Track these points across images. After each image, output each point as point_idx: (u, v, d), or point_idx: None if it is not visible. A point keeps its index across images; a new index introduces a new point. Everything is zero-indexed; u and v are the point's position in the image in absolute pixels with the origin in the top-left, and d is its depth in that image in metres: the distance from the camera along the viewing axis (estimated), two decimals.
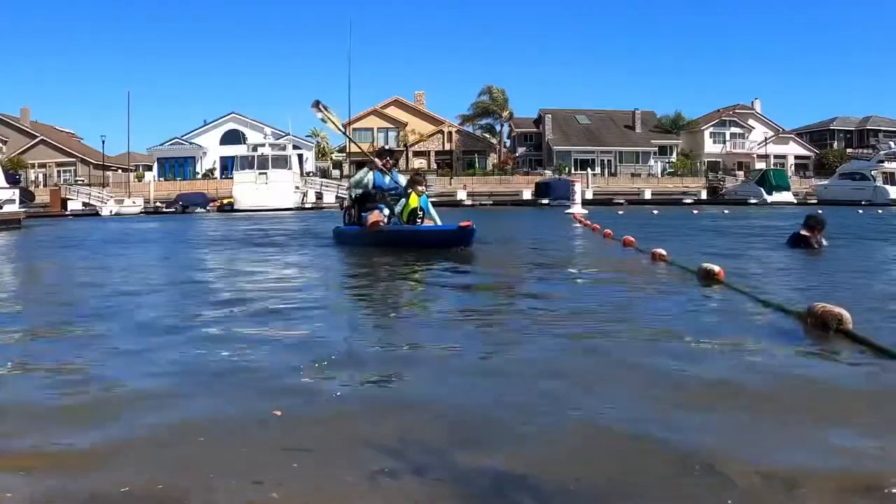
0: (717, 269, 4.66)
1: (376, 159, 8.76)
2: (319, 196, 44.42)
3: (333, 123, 10.08)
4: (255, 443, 1.77)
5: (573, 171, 51.04)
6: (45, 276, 6.84)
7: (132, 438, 1.82)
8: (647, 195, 45.66)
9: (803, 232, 7.53)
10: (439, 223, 8.07)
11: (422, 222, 8.01)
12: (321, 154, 59.62)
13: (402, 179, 8.84)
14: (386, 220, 8.15)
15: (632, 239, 8.12)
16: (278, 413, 1.95)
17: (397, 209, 8.14)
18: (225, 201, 40.38)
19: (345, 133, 11.35)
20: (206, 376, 2.46)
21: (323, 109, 9.54)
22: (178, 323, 3.58)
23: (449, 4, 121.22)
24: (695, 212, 26.92)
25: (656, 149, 58.73)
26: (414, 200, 8.04)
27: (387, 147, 10.92)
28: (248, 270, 6.66)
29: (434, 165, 52.45)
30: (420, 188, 8.20)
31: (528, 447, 1.74)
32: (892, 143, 44.55)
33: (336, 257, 7.86)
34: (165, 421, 1.95)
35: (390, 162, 8.93)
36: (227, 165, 50.33)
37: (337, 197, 43.77)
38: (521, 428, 1.88)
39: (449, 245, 7.33)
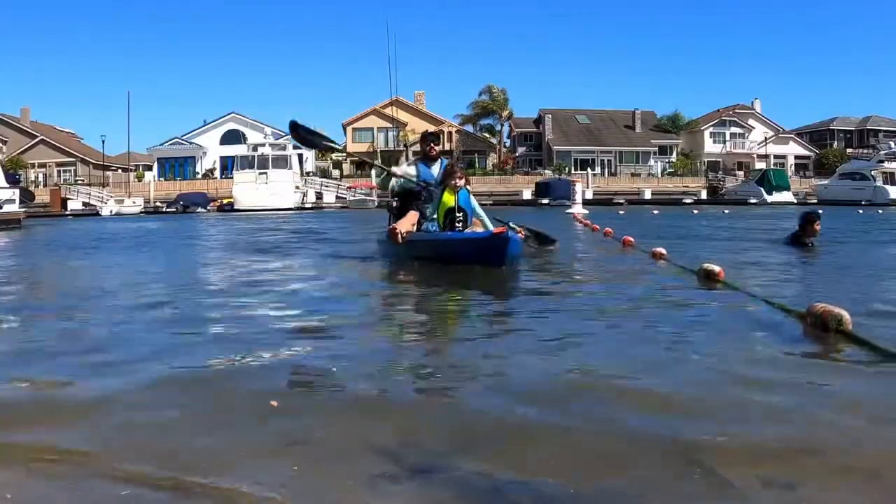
0: (717, 268, 4.66)
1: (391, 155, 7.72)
2: (319, 196, 44.46)
3: (324, 143, 8.50)
4: (256, 443, 1.77)
5: (573, 171, 51.09)
6: (42, 278, 6.83)
7: (131, 437, 1.82)
8: (647, 195, 45.71)
9: (797, 231, 7.81)
10: (490, 227, 6.22)
11: (463, 227, 6.11)
12: (321, 154, 59.63)
13: None
14: (416, 224, 6.38)
15: (631, 239, 8.13)
16: (274, 404, 1.95)
17: (429, 211, 6.30)
18: (225, 201, 40.42)
19: (338, 146, 9.84)
20: (206, 376, 2.46)
21: (303, 134, 7.64)
22: (177, 322, 3.58)
23: (449, 4, 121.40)
24: (695, 211, 26.94)
25: (656, 149, 58.74)
26: (449, 198, 6.14)
27: (431, 131, 8.10)
28: (248, 271, 6.65)
29: None
30: (456, 182, 6.16)
31: (530, 449, 1.75)
32: (892, 143, 44.59)
33: (334, 259, 7.85)
34: (165, 420, 1.96)
35: (437, 149, 7.04)
36: (227, 165, 50.39)
37: (337, 197, 43.83)
38: (521, 430, 1.88)
39: (479, 261, 5.38)
